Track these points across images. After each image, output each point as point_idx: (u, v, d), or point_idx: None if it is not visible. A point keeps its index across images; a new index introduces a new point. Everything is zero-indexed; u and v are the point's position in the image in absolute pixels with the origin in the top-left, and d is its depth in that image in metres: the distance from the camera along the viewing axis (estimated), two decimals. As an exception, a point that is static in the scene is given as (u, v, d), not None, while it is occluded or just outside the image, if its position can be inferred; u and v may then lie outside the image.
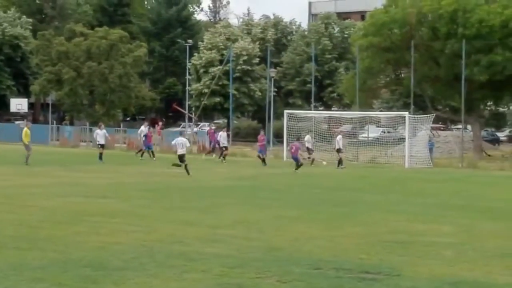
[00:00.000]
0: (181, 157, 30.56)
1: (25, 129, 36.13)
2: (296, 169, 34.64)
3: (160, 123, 48.64)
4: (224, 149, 42.44)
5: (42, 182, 26.08)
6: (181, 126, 72.38)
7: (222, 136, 43.34)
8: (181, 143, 30.88)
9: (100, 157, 37.35)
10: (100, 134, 39.88)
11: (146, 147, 42.02)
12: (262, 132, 41.75)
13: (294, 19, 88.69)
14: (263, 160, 39.21)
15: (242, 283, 10.24)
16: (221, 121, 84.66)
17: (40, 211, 17.86)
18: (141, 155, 41.58)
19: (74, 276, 10.52)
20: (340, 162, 39.16)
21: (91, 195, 21.68)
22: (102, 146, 39.02)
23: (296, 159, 35.48)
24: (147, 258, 11.92)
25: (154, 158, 41.02)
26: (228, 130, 49.55)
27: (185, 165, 30.35)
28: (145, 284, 10.14)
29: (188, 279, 10.50)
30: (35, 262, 11.43)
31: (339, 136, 40.61)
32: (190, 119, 69.72)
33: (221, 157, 41.70)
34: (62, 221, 16.08)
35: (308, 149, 41.47)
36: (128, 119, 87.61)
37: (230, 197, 22.11)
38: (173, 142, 31.85)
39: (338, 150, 39.79)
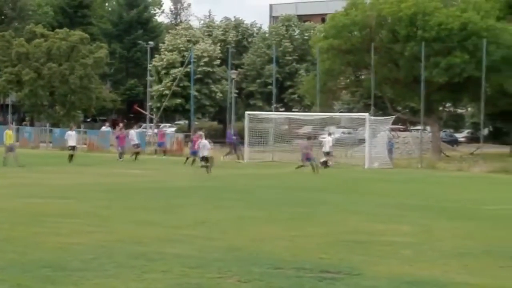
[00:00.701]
0: (206, 158, 33.30)
1: (9, 131, 36.10)
2: (298, 167, 34.77)
3: (121, 124, 48.35)
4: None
5: (1, 183, 25.80)
6: (142, 127, 72.05)
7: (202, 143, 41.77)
8: (204, 145, 33.63)
9: (70, 159, 37.17)
10: (72, 136, 39.51)
11: (119, 148, 42.35)
12: (199, 133, 38.94)
13: (255, 21, 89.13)
14: (193, 161, 37.51)
15: (203, 283, 10.26)
16: (182, 122, 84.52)
17: (-1, 212, 17.66)
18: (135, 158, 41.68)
19: (33, 277, 10.44)
20: (325, 163, 39.22)
21: (51, 196, 21.49)
22: (73, 148, 38.71)
23: (308, 159, 35.18)
24: (107, 258, 11.87)
25: (121, 159, 41.17)
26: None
27: (208, 166, 33.00)
28: (105, 284, 10.10)
29: (148, 279, 10.48)
30: (-6, 263, 11.32)
31: (328, 138, 40.52)
32: (151, 120, 69.46)
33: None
34: (21, 222, 15.93)
35: (327, 153, 40.37)
36: (88, 120, 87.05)
37: (192, 198, 22.09)
38: (196, 146, 35.97)
39: (328, 153, 39.86)
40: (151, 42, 76.65)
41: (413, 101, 58.85)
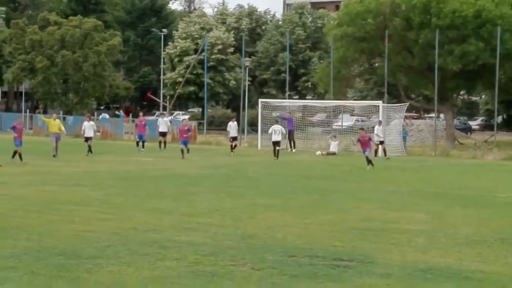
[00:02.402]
0: (277, 143, 35.71)
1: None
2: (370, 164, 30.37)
3: (141, 113, 47.65)
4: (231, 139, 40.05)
5: (15, 171, 25.94)
6: (156, 114, 72.14)
7: (231, 126, 40.53)
8: (278, 130, 35.95)
9: (89, 150, 35.42)
10: (87, 126, 37.23)
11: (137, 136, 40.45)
12: (185, 121, 37.49)
13: (268, 8, 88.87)
14: (182, 152, 34.79)
15: (216, 271, 10.28)
16: (196, 110, 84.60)
17: (13, 199, 17.76)
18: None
19: (47, 264, 10.49)
20: (383, 152, 38.55)
21: (64, 184, 21.58)
22: (89, 139, 36.43)
23: (365, 151, 30.97)
24: (121, 246, 11.91)
25: (141, 149, 39.28)
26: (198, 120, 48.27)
27: (277, 150, 35.56)
28: (118, 272, 10.14)
29: (162, 267, 10.51)
30: (8, 251, 11.38)
31: (380, 127, 39.23)
32: (164, 108, 69.52)
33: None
34: (35, 209, 16.00)
35: (381, 142, 38.81)
36: (102, 107, 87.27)
37: (204, 186, 22.11)
38: (270, 130, 36.73)
39: (381, 142, 38.80)
40: (164, 30, 76.63)
41: (427, 89, 58.63)
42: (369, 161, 30.57)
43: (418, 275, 10.25)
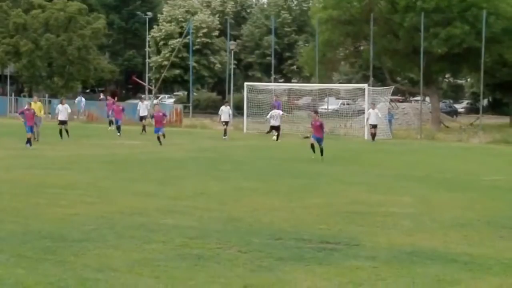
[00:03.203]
0: (277, 128, 37.29)
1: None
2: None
3: (109, 97, 47.87)
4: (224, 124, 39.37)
5: (1, 154, 25.80)
6: (141, 98, 71.91)
7: (223, 110, 39.80)
8: (276, 115, 37.33)
9: (61, 134, 34.69)
10: (61, 109, 36.00)
11: (112, 118, 41.21)
12: (158, 107, 34.86)
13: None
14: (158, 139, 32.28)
15: (203, 254, 10.29)
16: (181, 93, 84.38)
17: (-1, 183, 17.70)
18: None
19: (33, 247, 10.48)
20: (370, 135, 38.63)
21: (51, 167, 21.52)
22: (64, 122, 35.41)
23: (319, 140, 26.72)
24: (107, 229, 11.91)
25: (114, 130, 40.01)
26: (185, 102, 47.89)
27: (278, 134, 37.18)
28: (105, 255, 10.14)
29: (149, 249, 10.52)
30: (-6, 234, 11.35)
31: (374, 111, 38.81)
32: (150, 91, 69.32)
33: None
34: (21, 193, 15.96)
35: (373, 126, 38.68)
36: (87, 91, 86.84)
37: (190, 169, 22.11)
38: (268, 116, 38.03)
39: (374, 126, 38.65)
40: (149, 13, 76.23)
41: (412, 72, 58.79)
42: (322, 152, 26.30)
43: (404, 258, 10.30)
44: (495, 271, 9.76)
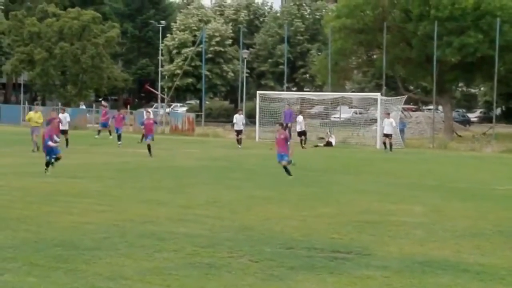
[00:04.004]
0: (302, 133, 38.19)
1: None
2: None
3: (105, 103, 47.62)
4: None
5: (14, 162, 25.92)
6: (154, 106, 72.08)
7: (237, 118, 39.72)
8: (301, 121, 39.23)
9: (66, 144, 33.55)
10: (61, 118, 34.11)
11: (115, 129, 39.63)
12: (149, 114, 32.37)
13: (266, 0, 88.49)
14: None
15: (214, 263, 10.28)
16: (194, 101, 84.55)
17: (11, 191, 17.77)
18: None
19: (46, 255, 10.50)
20: (383, 144, 38.03)
21: (62, 175, 21.56)
22: (64, 132, 34.14)
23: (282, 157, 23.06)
24: (119, 238, 11.93)
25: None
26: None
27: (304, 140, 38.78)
28: (116, 263, 10.15)
29: (160, 258, 10.52)
30: (7, 242, 11.40)
31: (389, 120, 38.20)
32: (162, 100, 69.51)
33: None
34: (34, 201, 16.01)
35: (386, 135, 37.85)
36: (100, 99, 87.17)
37: (201, 178, 22.10)
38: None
39: (389, 135, 37.86)
40: (162, 22, 76.47)
41: (425, 81, 58.65)
42: (287, 170, 22.65)
43: (416, 268, 10.26)
44: (508, 281, 9.70)
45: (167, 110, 62.78)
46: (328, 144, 40.71)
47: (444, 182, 22.65)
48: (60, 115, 35.00)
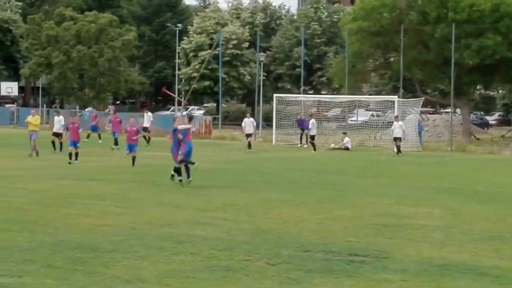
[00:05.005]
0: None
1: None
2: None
3: (112, 107, 47.38)
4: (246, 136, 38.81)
5: (32, 164, 26.06)
6: (170, 110, 72.29)
7: (246, 122, 39.39)
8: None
9: (54, 146, 32.85)
10: (56, 121, 33.97)
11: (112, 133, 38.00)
12: (132, 120, 29.06)
13: (283, 3, 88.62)
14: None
15: (231, 265, 10.28)
16: (211, 104, 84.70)
17: (30, 193, 17.87)
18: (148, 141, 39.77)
19: (64, 257, 10.54)
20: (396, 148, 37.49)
21: (80, 178, 21.66)
22: (58, 135, 33.18)
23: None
24: (136, 240, 11.95)
25: (116, 146, 35.84)
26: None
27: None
28: (134, 266, 10.17)
29: (177, 261, 10.53)
30: (25, 244, 11.45)
31: (399, 123, 37.68)
32: (179, 103, 69.65)
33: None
34: (51, 203, 16.08)
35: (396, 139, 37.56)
36: (118, 102, 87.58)
37: (218, 180, 22.12)
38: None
39: (398, 139, 37.45)
40: (179, 25, 76.64)
41: (443, 84, 58.41)
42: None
43: (434, 271, 10.21)
44: (527, 285, 9.63)
45: (184, 113, 62.87)
46: (345, 148, 40.60)
47: (462, 185, 22.54)
48: (55, 118, 34.50)
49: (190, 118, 22.13)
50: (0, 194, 17.67)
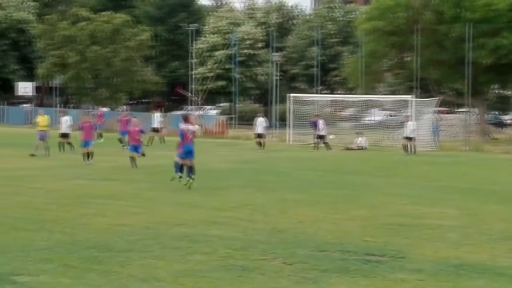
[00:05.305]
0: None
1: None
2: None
3: (124, 107, 47.05)
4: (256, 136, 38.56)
5: (48, 164, 26.18)
6: (186, 109, 72.34)
7: (257, 122, 39.17)
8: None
9: (59, 147, 32.53)
10: (63, 121, 33.64)
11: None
12: (135, 120, 28.83)
13: (297, 3, 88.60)
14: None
15: (247, 265, 10.28)
16: (225, 104, 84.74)
17: (46, 193, 17.96)
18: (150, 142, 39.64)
19: (80, 257, 10.59)
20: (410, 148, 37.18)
21: (95, 178, 21.75)
22: (65, 135, 33.08)
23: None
24: (152, 240, 11.98)
25: (122, 145, 34.84)
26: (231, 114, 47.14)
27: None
28: (150, 265, 10.19)
29: (193, 260, 10.54)
30: (42, 243, 11.51)
31: (411, 123, 37.73)
32: (194, 103, 69.76)
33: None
34: (68, 203, 16.16)
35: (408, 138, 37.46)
36: (132, 102, 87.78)
37: (234, 180, 22.13)
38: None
39: (409, 139, 37.35)
40: (194, 25, 76.79)
41: (458, 83, 58.07)
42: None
43: (451, 271, 10.17)
44: (545, 285, 9.57)
45: (199, 113, 62.97)
46: (361, 148, 40.52)
47: (479, 185, 22.43)
48: (62, 118, 34.18)
49: (186, 118, 21.31)
50: (18, 193, 17.81)
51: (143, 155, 26.80)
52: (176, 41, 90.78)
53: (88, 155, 27.45)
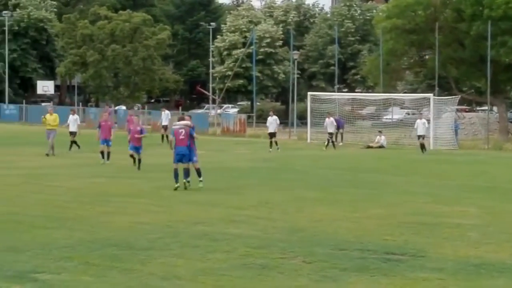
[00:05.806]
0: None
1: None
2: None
3: (138, 105, 46.49)
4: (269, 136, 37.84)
5: (68, 163, 26.34)
6: (205, 108, 72.49)
7: (270, 120, 38.58)
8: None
9: (70, 146, 32.27)
10: (71, 120, 33.32)
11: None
12: (137, 119, 29.08)
13: (316, 1, 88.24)
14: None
15: (266, 263, 10.29)
16: (245, 103, 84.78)
17: (67, 191, 18.07)
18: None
19: (101, 255, 10.65)
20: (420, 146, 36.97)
21: (114, 176, 21.85)
22: (73, 134, 32.68)
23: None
24: (172, 238, 12.02)
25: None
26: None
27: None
28: (170, 263, 10.23)
29: (213, 259, 10.57)
30: (63, 241, 11.60)
31: (422, 121, 37.35)
32: (214, 101, 69.84)
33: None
34: (88, 201, 16.25)
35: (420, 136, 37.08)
36: (152, 101, 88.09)
37: (253, 179, 22.14)
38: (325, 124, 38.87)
39: (422, 137, 36.99)
40: (213, 23, 76.92)
41: (478, 81, 57.78)
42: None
43: (471, 270, 10.13)
44: None
45: (219, 111, 63.04)
46: (380, 146, 40.37)
47: (499, 184, 22.29)
48: (70, 117, 33.82)
49: (181, 118, 20.44)
50: (38, 192, 17.93)
51: (139, 160, 24.99)
52: (195, 39, 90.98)
53: (106, 154, 27.25)
